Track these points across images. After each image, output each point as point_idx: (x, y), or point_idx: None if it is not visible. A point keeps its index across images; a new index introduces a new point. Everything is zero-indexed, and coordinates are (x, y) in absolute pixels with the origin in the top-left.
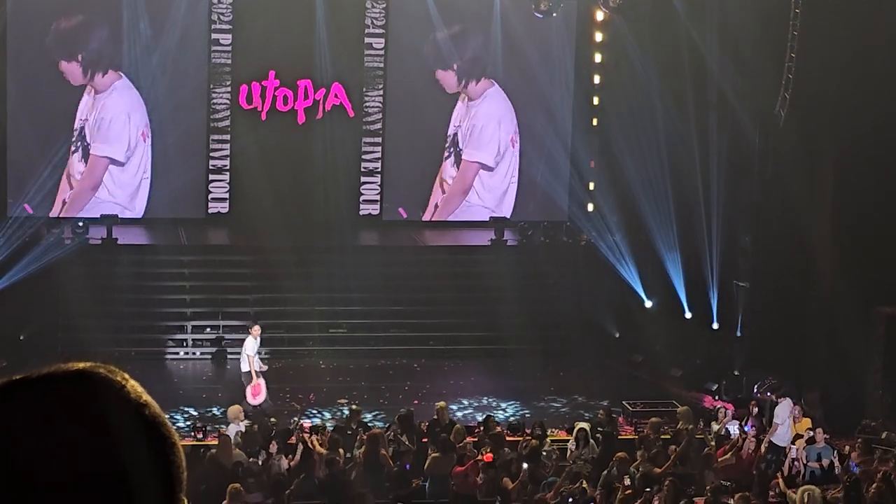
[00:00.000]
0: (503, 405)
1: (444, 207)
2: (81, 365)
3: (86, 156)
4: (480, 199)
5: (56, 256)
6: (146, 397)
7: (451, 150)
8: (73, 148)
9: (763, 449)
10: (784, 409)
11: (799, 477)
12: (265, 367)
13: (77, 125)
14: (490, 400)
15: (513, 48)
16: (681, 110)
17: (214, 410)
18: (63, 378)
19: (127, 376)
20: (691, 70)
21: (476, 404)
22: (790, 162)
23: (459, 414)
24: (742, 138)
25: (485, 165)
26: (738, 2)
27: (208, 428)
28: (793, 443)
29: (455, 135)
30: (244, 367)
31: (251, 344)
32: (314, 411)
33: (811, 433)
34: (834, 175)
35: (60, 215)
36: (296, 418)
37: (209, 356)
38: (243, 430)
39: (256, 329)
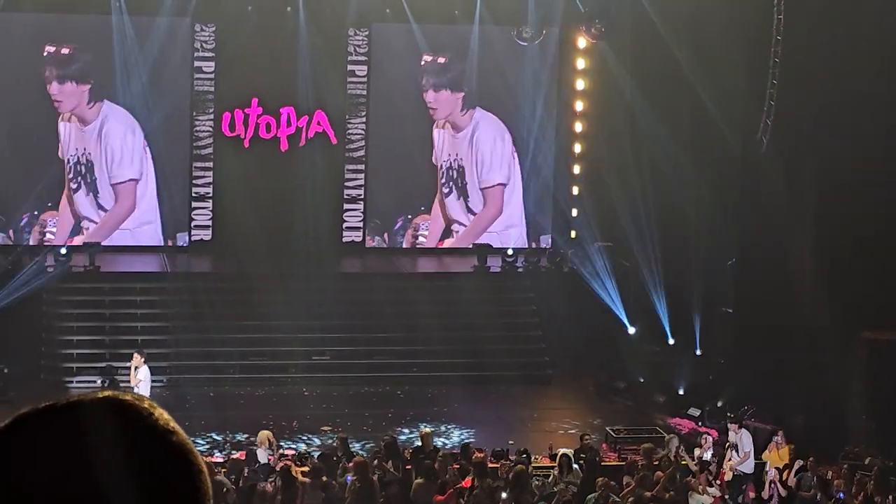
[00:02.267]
0: (486, 431)
1: (471, 232)
2: (108, 392)
3: (94, 188)
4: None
5: (38, 284)
6: (173, 424)
7: (451, 184)
8: (73, 184)
9: (730, 476)
10: (746, 438)
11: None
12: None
13: (70, 158)
14: (472, 426)
15: (495, 76)
16: (664, 136)
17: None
18: (90, 405)
19: (154, 404)
20: (674, 96)
21: (459, 431)
22: (773, 187)
23: (443, 441)
24: (725, 164)
25: (503, 183)
26: (721, 28)
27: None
28: (773, 467)
29: (450, 168)
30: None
31: (146, 371)
32: (298, 438)
33: (800, 462)
34: (816, 200)
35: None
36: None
37: (194, 384)
38: (272, 454)
39: (139, 358)
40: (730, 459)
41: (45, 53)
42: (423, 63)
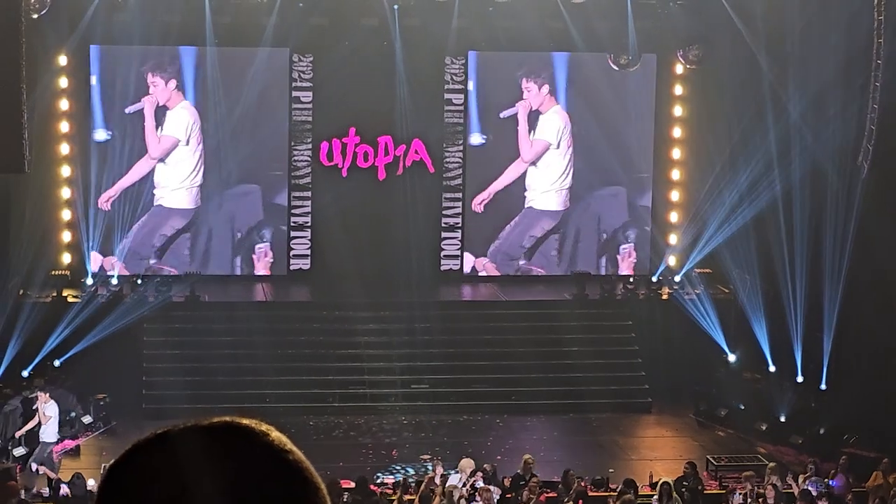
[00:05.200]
0: (585, 459)
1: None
2: (225, 416)
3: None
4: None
5: (140, 314)
6: (290, 446)
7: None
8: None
9: None
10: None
11: None
12: None
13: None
14: (572, 454)
15: (591, 103)
16: (762, 162)
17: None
18: (208, 429)
19: (271, 427)
20: (772, 122)
21: (558, 459)
22: (874, 213)
23: (542, 469)
24: (825, 189)
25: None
26: (819, 53)
27: None
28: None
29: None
30: (52, 437)
31: (54, 407)
32: (397, 468)
33: None
34: None
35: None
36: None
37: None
38: (467, 482)
39: (45, 396)
40: None
41: (152, 73)
42: (520, 90)
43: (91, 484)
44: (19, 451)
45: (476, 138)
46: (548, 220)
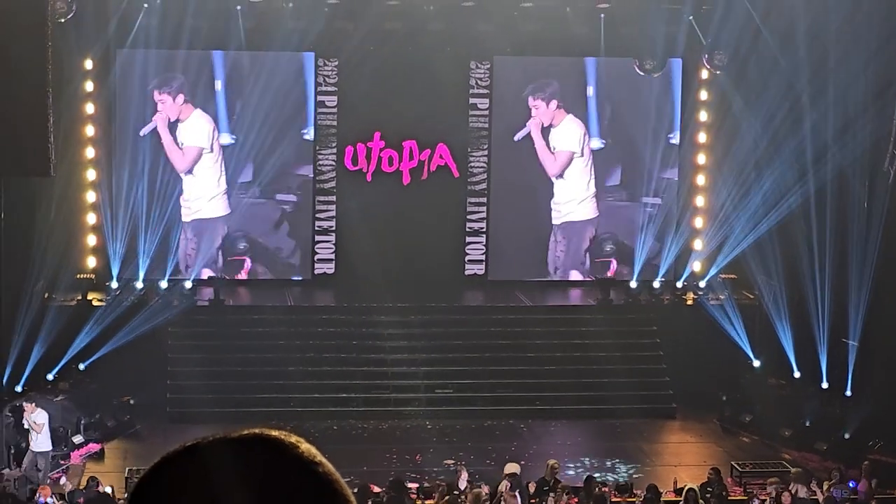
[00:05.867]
0: (610, 465)
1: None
2: (254, 429)
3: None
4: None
5: (164, 318)
6: (320, 457)
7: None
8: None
9: None
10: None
11: None
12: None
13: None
14: (597, 460)
15: (616, 108)
16: (788, 168)
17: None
18: (238, 441)
19: (301, 439)
20: (797, 127)
21: (582, 465)
22: None
23: (568, 474)
24: (850, 195)
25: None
26: (844, 57)
27: None
28: None
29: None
30: (46, 446)
31: (44, 415)
32: (421, 471)
33: None
34: None
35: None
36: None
37: (318, 417)
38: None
39: (32, 405)
40: None
41: (158, 91)
42: (544, 94)
43: (108, 490)
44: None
45: (595, 143)
46: (590, 229)
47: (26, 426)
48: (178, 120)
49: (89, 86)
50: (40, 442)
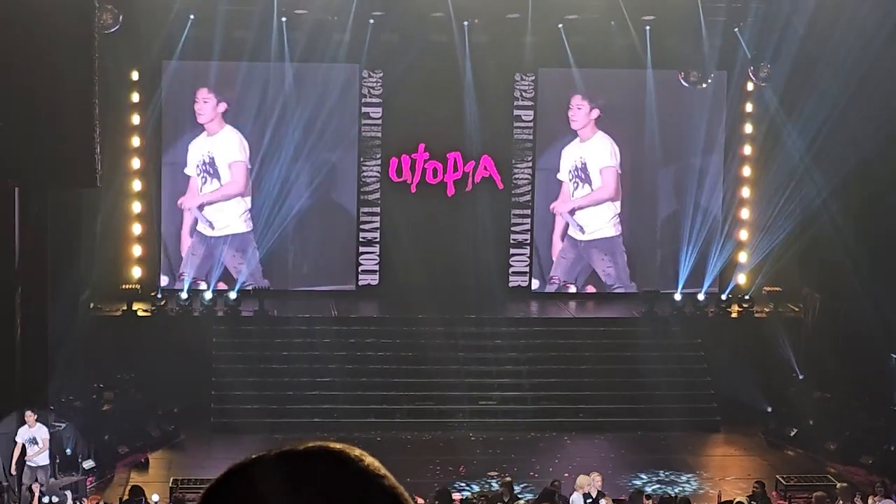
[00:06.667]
0: (655, 479)
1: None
2: (317, 441)
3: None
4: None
5: (209, 329)
6: (384, 470)
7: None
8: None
9: None
10: None
11: None
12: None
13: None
14: (640, 473)
15: (661, 120)
16: (833, 180)
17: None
18: (303, 454)
19: (364, 452)
20: (841, 139)
21: (626, 478)
22: None
23: (610, 487)
24: (891, 211)
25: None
26: (887, 69)
27: None
28: None
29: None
30: (45, 461)
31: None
32: (463, 484)
33: None
34: None
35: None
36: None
37: (361, 428)
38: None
39: (33, 417)
40: None
41: (203, 101)
42: (589, 107)
43: (155, 499)
44: (89, 464)
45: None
46: (620, 245)
47: (26, 440)
48: (207, 131)
49: (135, 97)
50: (41, 456)
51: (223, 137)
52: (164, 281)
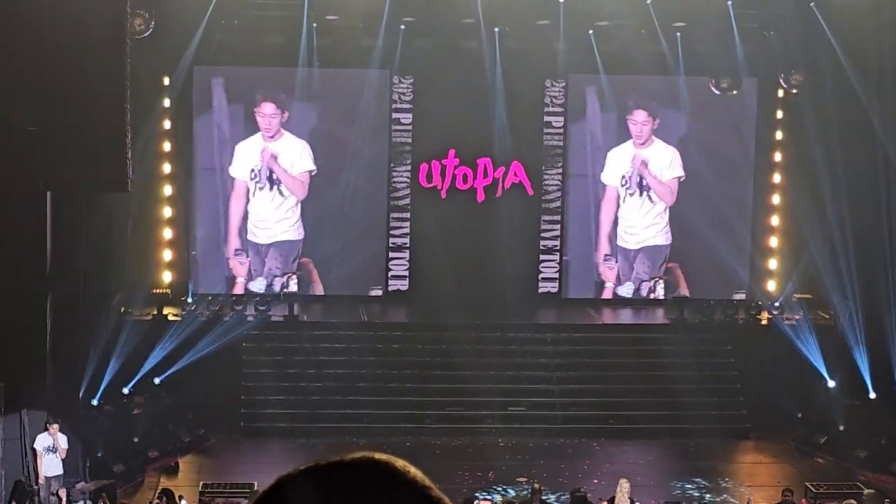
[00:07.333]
0: (684, 486)
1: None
2: (364, 451)
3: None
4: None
5: (239, 333)
6: (429, 482)
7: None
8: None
9: None
10: None
11: None
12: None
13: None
14: (670, 480)
15: (692, 126)
16: (863, 186)
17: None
18: (351, 464)
19: (408, 463)
20: (873, 147)
21: (656, 485)
22: None
23: (639, 494)
24: None
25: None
26: None
27: None
28: None
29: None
30: (60, 470)
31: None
32: (499, 487)
33: None
34: None
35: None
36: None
37: (391, 433)
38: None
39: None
40: None
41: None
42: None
43: (185, 503)
44: (119, 468)
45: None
46: (664, 249)
47: (44, 448)
48: (272, 139)
49: (167, 102)
50: (56, 465)
51: (284, 144)
52: (198, 286)
